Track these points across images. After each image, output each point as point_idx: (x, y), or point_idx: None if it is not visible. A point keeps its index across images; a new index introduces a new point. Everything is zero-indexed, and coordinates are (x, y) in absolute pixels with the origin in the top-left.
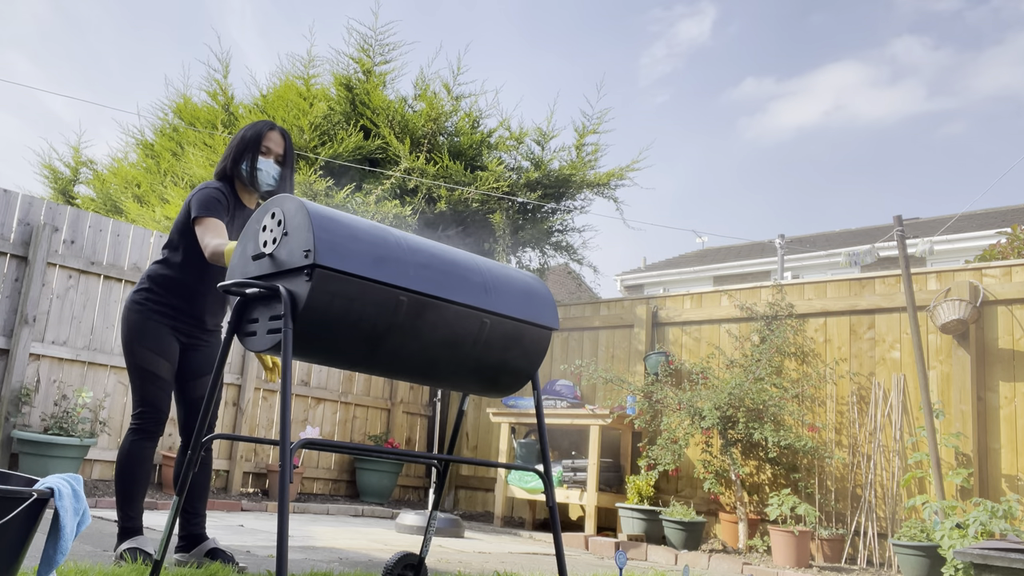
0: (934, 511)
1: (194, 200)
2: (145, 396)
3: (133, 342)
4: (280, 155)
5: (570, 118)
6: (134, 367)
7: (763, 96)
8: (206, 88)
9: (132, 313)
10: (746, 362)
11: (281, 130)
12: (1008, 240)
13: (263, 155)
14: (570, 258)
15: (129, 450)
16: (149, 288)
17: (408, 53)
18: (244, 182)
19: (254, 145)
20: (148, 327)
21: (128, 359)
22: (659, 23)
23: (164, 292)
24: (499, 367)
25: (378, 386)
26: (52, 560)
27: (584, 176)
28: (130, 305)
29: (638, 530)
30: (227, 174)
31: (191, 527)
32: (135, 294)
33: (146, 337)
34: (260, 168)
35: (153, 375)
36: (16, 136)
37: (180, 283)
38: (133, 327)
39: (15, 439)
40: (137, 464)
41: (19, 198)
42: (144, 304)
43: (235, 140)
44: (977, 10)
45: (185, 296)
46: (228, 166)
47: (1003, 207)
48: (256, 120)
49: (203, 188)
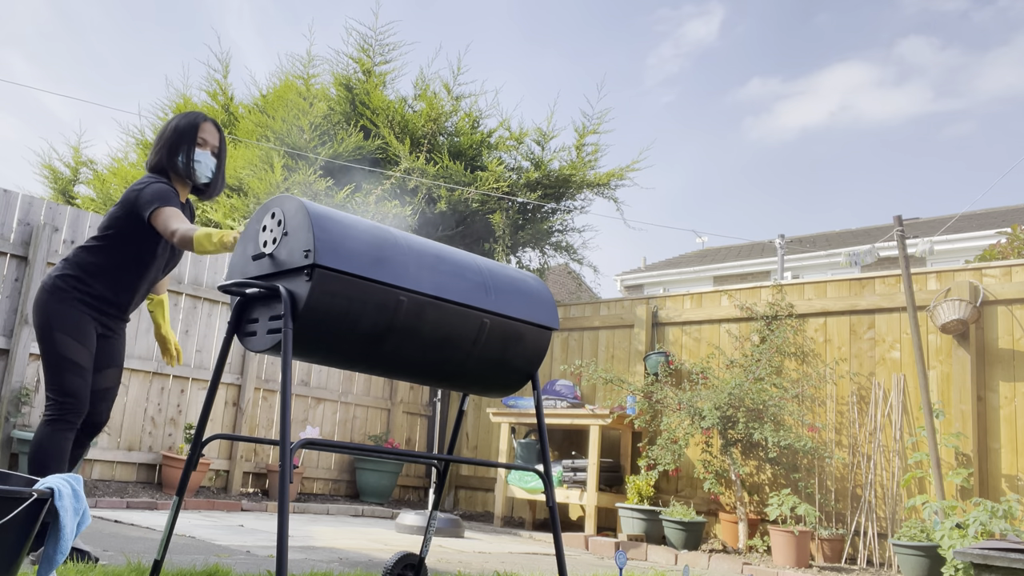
0: (934, 511)
1: (147, 192)
2: (65, 386)
3: (54, 329)
4: (216, 147)
5: (570, 118)
6: (54, 354)
7: (769, 96)
8: (206, 88)
9: (53, 298)
10: (746, 362)
11: (214, 121)
12: (1008, 240)
13: (199, 147)
14: (570, 258)
15: (48, 441)
16: (76, 276)
17: (408, 53)
18: (180, 174)
19: (190, 137)
20: (71, 314)
21: (46, 346)
22: (667, 23)
23: (90, 280)
24: (499, 367)
25: (378, 386)
26: (53, 560)
27: (584, 176)
28: (51, 290)
29: (638, 530)
30: (162, 167)
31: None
32: (56, 279)
33: (68, 324)
34: (198, 160)
35: (76, 364)
36: (15, 136)
37: (111, 274)
38: (54, 313)
39: (15, 439)
40: (59, 455)
41: (19, 198)
42: (68, 291)
43: (167, 131)
44: (984, 10)
45: (112, 286)
46: (163, 159)
47: (1003, 207)
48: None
49: (153, 182)
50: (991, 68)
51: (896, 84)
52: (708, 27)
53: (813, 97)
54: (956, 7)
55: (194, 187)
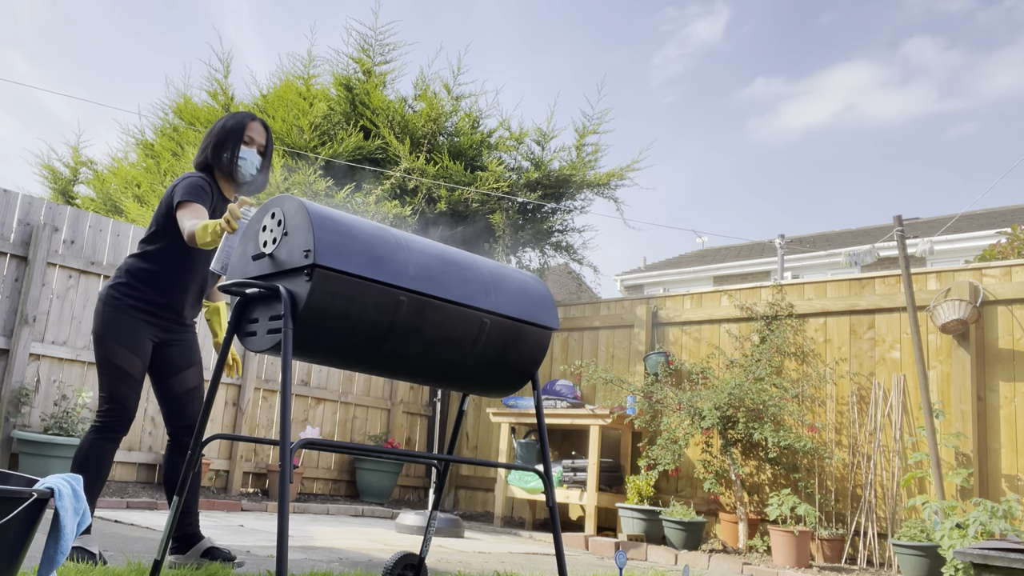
0: (934, 511)
1: (179, 187)
2: (115, 394)
3: (106, 337)
4: (262, 145)
5: (570, 118)
6: (106, 362)
7: (773, 96)
8: (206, 88)
9: (107, 307)
10: (746, 362)
11: (262, 121)
12: (1008, 240)
13: (246, 144)
14: (570, 258)
15: (91, 448)
16: (127, 283)
17: (408, 53)
18: (224, 171)
19: (236, 135)
20: (123, 322)
21: (99, 353)
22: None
23: (143, 286)
24: (499, 367)
25: (378, 386)
26: (53, 560)
27: (584, 176)
28: (105, 299)
29: (638, 530)
30: (207, 164)
31: (185, 527)
32: (111, 288)
33: (120, 333)
34: (243, 158)
35: (125, 373)
36: (15, 136)
37: (160, 276)
38: (107, 321)
39: (15, 439)
40: (99, 462)
41: (19, 198)
42: (120, 299)
43: (215, 129)
44: (989, 11)
45: (165, 290)
46: (209, 155)
47: (1003, 207)
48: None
49: (188, 177)
50: (996, 68)
51: (901, 84)
52: (713, 27)
53: (817, 97)
54: (961, 7)
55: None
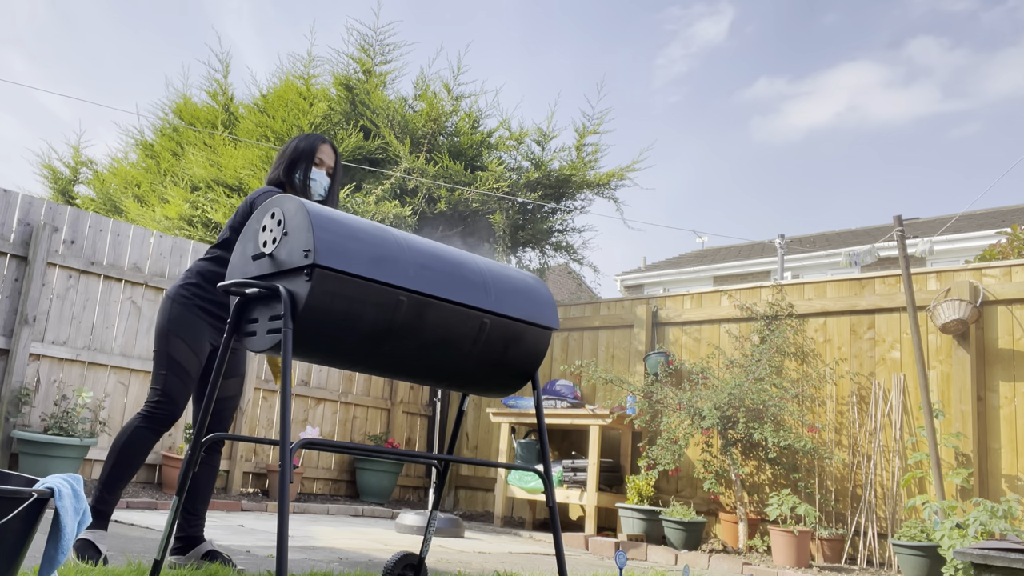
0: (934, 511)
1: (258, 201)
2: (167, 388)
3: (170, 332)
4: (331, 167)
5: (571, 118)
6: (164, 356)
7: (776, 97)
8: (206, 88)
9: (175, 304)
10: (746, 362)
11: (332, 144)
12: (1008, 240)
13: (316, 167)
14: (570, 258)
15: (133, 435)
16: (197, 283)
17: (408, 53)
18: (296, 191)
19: (308, 156)
20: (189, 320)
21: (160, 348)
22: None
23: (209, 287)
24: (499, 367)
25: (378, 386)
26: (53, 560)
27: (584, 176)
28: (175, 297)
29: (638, 530)
30: (280, 181)
31: (190, 528)
32: (181, 287)
33: (184, 330)
34: (313, 179)
35: (182, 368)
36: (14, 136)
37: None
38: (174, 317)
39: (15, 439)
40: (137, 451)
41: (19, 198)
42: (190, 298)
43: (288, 149)
44: (993, 11)
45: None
46: (281, 174)
47: (1003, 207)
48: (309, 133)
49: (267, 192)
50: (1000, 69)
51: (904, 85)
52: (718, 27)
53: (821, 97)
54: (965, 7)
55: None
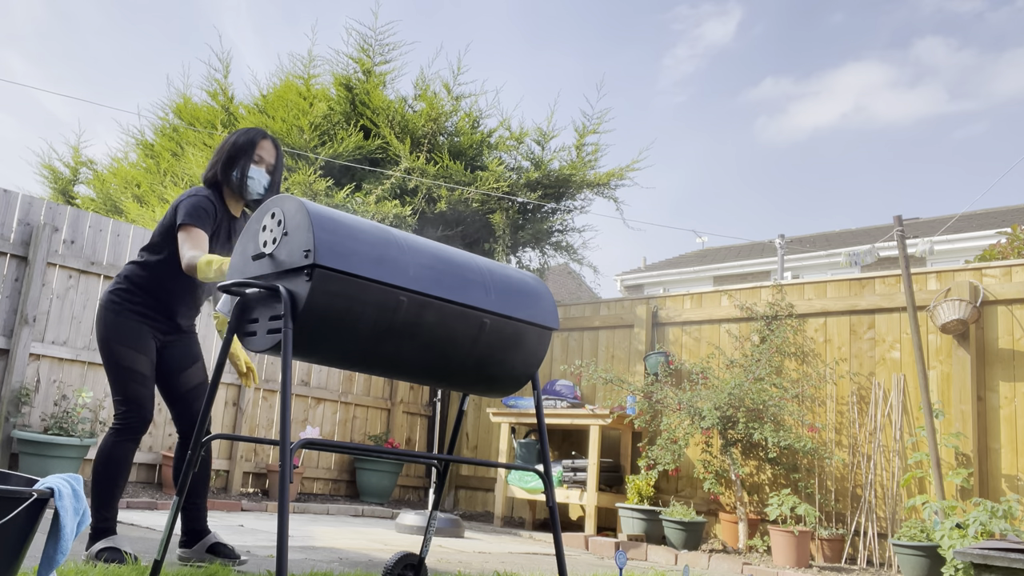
0: (934, 511)
1: (182, 206)
2: (128, 394)
3: (111, 340)
4: (271, 164)
5: (571, 118)
6: (115, 366)
7: (781, 97)
8: (206, 88)
9: (108, 312)
10: (746, 362)
11: (273, 139)
12: (1008, 240)
13: (255, 164)
14: (570, 258)
15: (111, 450)
16: (126, 288)
17: (408, 53)
18: (233, 189)
19: (247, 153)
20: (126, 324)
21: (107, 358)
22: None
23: (140, 292)
24: (499, 367)
25: (378, 386)
26: (53, 560)
27: (584, 176)
28: (106, 304)
29: (638, 530)
30: (216, 180)
31: (193, 523)
32: (111, 293)
33: (124, 335)
34: (252, 177)
35: (136, 372)
36: (14, 136)
37: (158, 285)
38: (110, 325)
39: (15, 439)
40: (119, 465)
41: (19, 198)
42: (121, 304)
43: (225, 145)
44: (1000, 11)
45: (162, 298)
46: (219, 172)
47: (1003, 207)
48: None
49: (193, 195)
50: (1007, 69)
51: (911, 85)
52: (726, 27)
53: (827, 97)
54: (972, 7)
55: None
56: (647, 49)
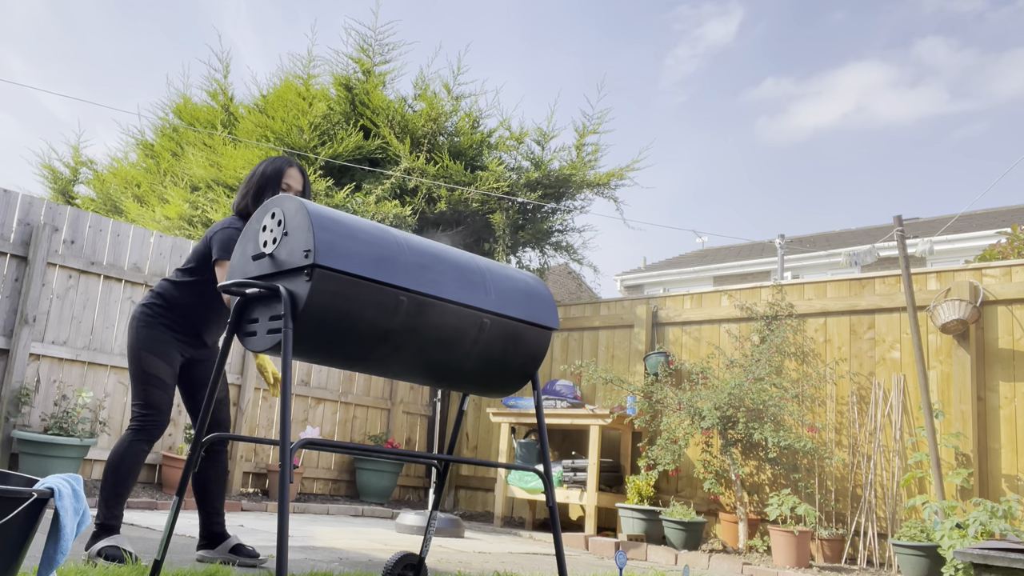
0: (934, 511)
1: (216, 240)
2: (149, 399)
3: (140, 349)
4: (299, 191)
5: (571, 118)
6: (139, 372)
7: (782, 97)
8: (206, 88)
9: (140, 324)
10: (746, 362)
11: (299, 167)
12: (1008, 240)
13: (283, 192)
14: (570, 258)
15: (126, 450)
16: (160, 304)
17: (408, 53)
18: None
19: (275, 182)
20: (155, 335)
21: (133, 365)
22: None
23: (171, 310)
24: (499, 367)
25: (378, 386)
26: (53, 560)
27: (584, 176)
28: (139, 316)
29: (638, 530)
30: (248, 211)
31: (213, 526)
32: (144, 307)
33: (151, 344)
34: None
35: (157, 379)
36: (14, 136)
37: (189, 305)
38: (140, 336)
39: (15, 439)
40: (132, 464)
41: (19, 198)
42: (153, 317)
43: (254, 176)
44: (1000, 11)
45: (190, 316)
46: (249, 203)
47: (1003, 207)
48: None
49: (226, 227)
50: (1008, 69)
51: (912, 85)
52: (727, 27)
53: (828, 97)
54: (973, 7)
55: None
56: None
